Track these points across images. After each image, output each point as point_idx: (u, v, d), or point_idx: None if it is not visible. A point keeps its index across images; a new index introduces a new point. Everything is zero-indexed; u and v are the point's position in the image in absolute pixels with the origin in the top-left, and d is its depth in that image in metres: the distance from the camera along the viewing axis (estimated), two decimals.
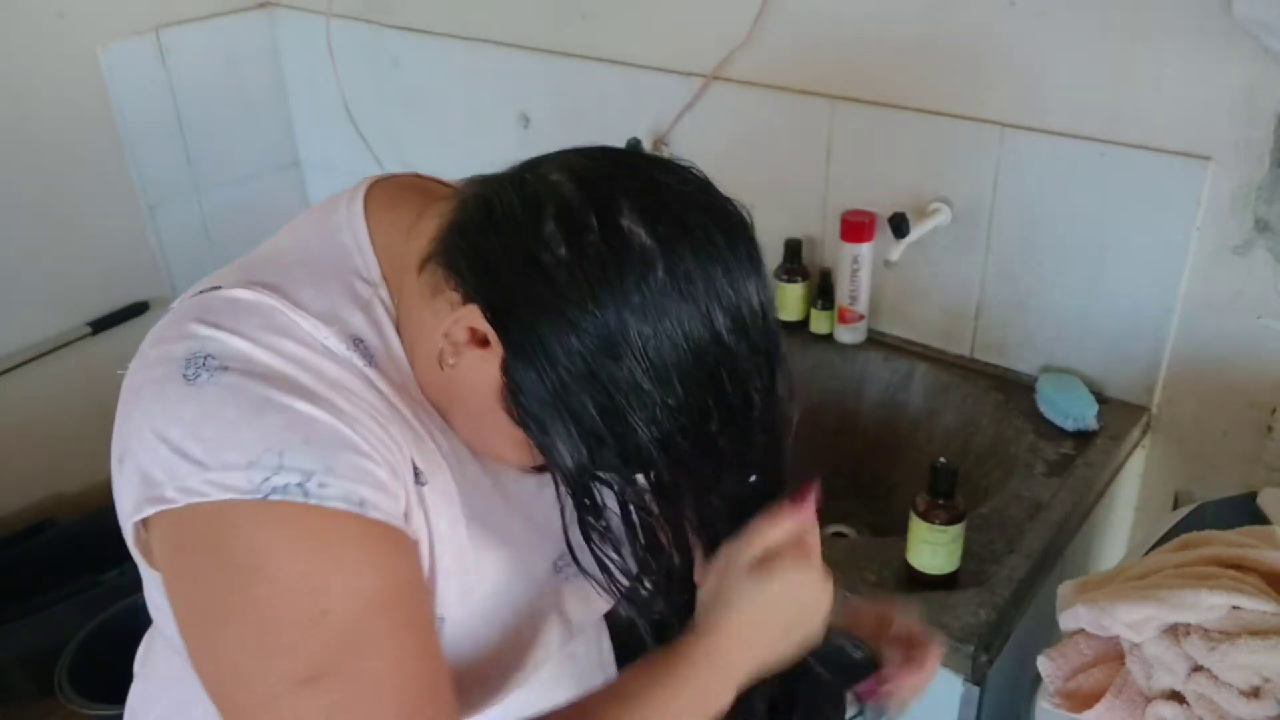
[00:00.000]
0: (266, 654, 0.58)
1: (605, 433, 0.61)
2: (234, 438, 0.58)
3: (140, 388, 0.63)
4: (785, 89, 1.53)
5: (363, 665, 0.59)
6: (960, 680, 1.09)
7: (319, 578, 0.59)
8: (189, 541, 0.60)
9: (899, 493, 1.49)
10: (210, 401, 0.60)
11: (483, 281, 0.62)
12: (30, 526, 2.12)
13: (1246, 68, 1.16)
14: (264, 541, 0.58)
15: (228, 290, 0.66)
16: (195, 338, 0.63)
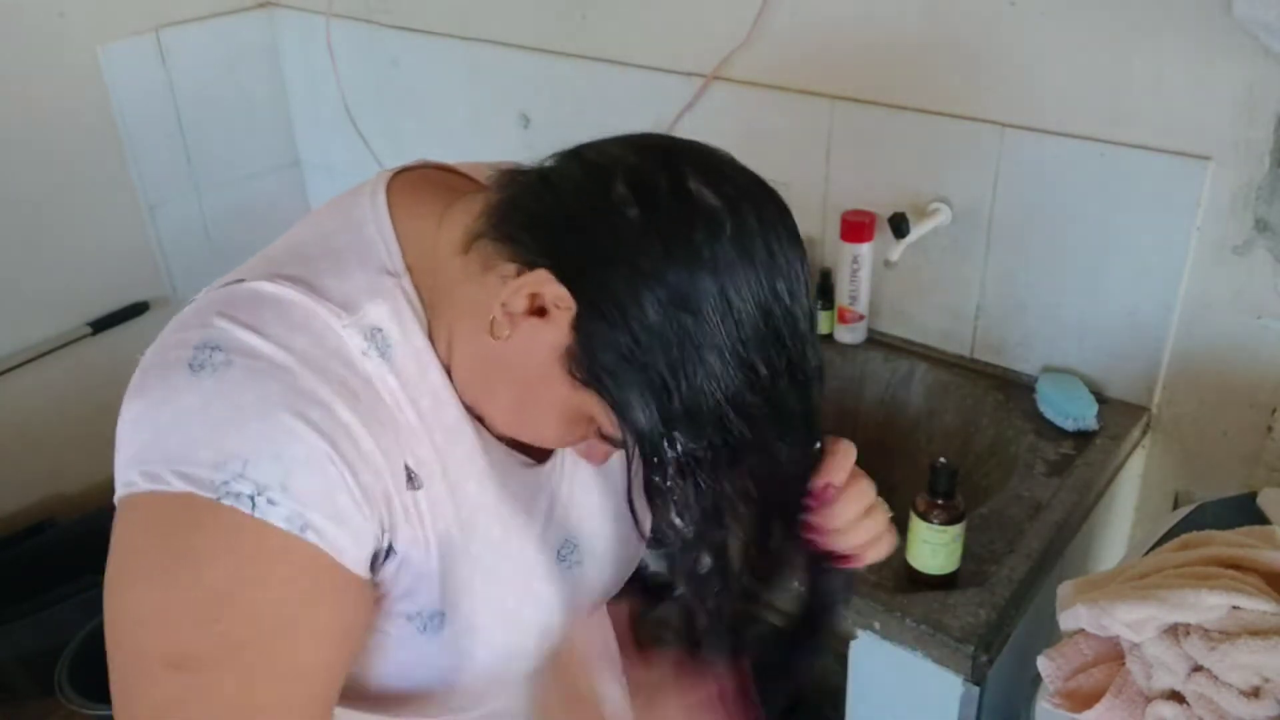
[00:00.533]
0: (152, 626, 0.60)
1: (676, 388, 0.61)
2: (212, 437, 0.60)
3: (148, 369, 0.65)
4: (785, 89, 1.53)
5: (226, 681, 0.60)
6: (960, 680, 1.09)
7: (229, 585, 0.60)
8: (138, 519, 0.61)
9: (899, 493, 1.49)
10: (207, 394, 0.61)
11: (551, 244, 0.63)
12: (30, 526, 2.13)
13: (1246, 68, 1.16)
14: (205, 537, 0.60)
15: (251, 283, 0.67)
16: (210, 328, 0.65)
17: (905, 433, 1.53)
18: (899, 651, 1.11)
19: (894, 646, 1.11)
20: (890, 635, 1.11)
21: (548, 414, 0.68)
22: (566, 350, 0.63)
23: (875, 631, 1.12)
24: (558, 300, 0.62)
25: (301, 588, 0.62)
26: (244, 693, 0.61)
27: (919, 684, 1.13)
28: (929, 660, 1.09)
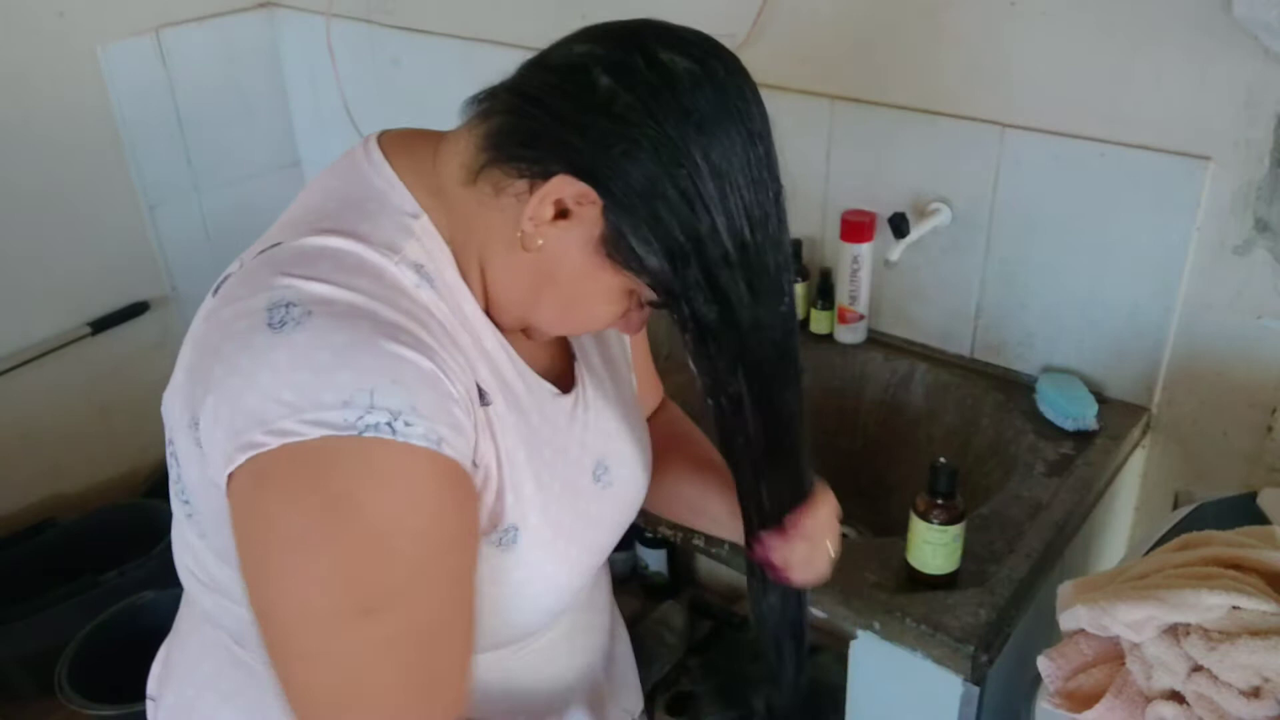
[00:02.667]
0: (333, 584, 0.62)
1: (699, 243, 0.67)
2: (328, 379, 0.61)
3: (219, 345, 0.65)
4: (785, 89, 1.53)
5: (418, 605, 0.64)
6: (960, 680, 1.09)
7: (398, 516, 0.63)
8: (278, 479, 0.62)
9: (899, 493, 1.49)
10: (301, 346, 0.62)
11: (557, 151, 0.67)
12: (30, 526, 2.12)
13: (1246, 68, 1.16)
14: (359, 476, 0.61)
15: (292, 243, 0.69)
16: (274, 288, 0.65)
17: (905, 433, 1.53)
18: (899, 651, 1.11)
19: (894, 646, 1.11)
20: (890, 635, 1.11)
21: (595, 300, 0.73)
22: (600, 239, 0.68)
23: (875, 631, 1.12)
24: (579, 198, 0.67)
25: (452, 500, 0.66)
26: (433, 612, 0.65)
27: (919, 684, 1.13)
28: (929, 660, 1.09)
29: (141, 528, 2.10)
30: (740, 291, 0.70)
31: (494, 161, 0.70)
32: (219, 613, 0.80)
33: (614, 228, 0.68)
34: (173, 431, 0.71)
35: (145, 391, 2.28)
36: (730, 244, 0.68)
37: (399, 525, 0.63)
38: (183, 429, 0.68)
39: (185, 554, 0.81)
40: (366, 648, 0.63)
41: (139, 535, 2.07)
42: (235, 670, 0.83)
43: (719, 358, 0.73)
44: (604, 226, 0.68)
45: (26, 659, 1.94)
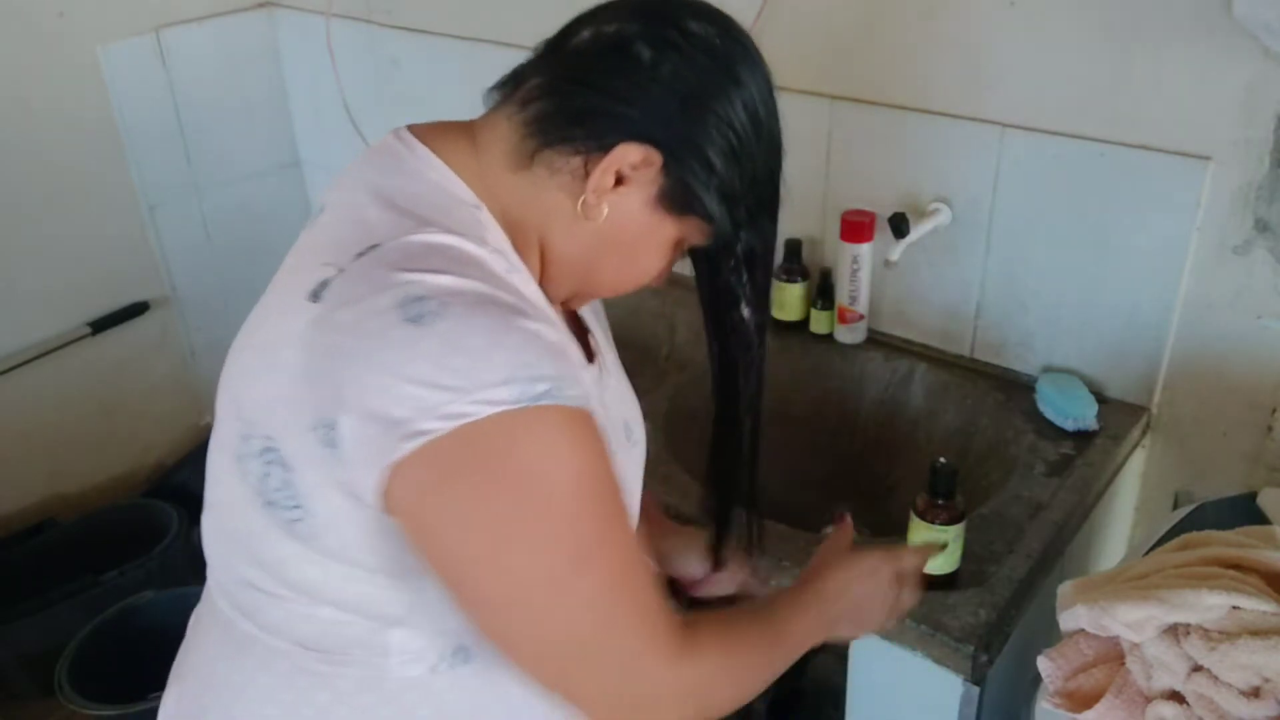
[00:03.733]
0: (545, 549, 0.68)
1: (747, 180, 0.77)
2: (485, 360, 0.65)
3: (352, 346, 0.66)
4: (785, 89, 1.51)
5: (612, 544, 0.72)
6: (960, 680, 1.09)
7: (578, 472, 0.69)
8: (461, 464, 0.65)
9: (899, 493, 1.49)
10: (448, 334, 0.65)
11: (614, 123, 0.73)
12: (30, 526, 2.12)
13: (1246, 68, 1.16)
14: (538, 444, 0.66)
15: (391, 243, 0.71)
16: (398, 285, 0.67)
17: (905, 433, 1.53)
18: (899, 651, 1.11)
19: (894, 646, 1.11)
20: (890, 635, 1.11)
21: (651, 254, 0.80)
22: (657, 195, 0.76)
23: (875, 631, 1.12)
24: (640, 162, 0.73)
25: (604, 450, 0.72)
26: (623, 549, 0.73)
27: (919, 684, 1.13)
28: (929, 660, 1.09)
29: (141, 528, 2.10)
30: (769, 219, 0.80)
31: (546, 145, 0.75)
32: (290, 622, 0.79)
33: (675, 181, 0.75)
34: (276, 438, 0.71)
35: (145, 391, 2.30)
36: (765, 177, 0.78)
37: (580, 480, 0.69)
38: (300, 433, 0.69)
39: (250, 568, 0.79)
40: (586, 595, 0.70)
41: (139, 535, 2.07)
42: (299, 677, 0.81)
43: (752, 287, 0.83)
44: (662, 182, 0.75)
45: (26, 659, 1.94)
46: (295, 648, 0.80)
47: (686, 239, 0.80)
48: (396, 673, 0.79)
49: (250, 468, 0.74)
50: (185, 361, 2.34)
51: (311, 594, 0.77)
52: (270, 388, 0.71)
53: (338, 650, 0.79)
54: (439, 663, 0.80)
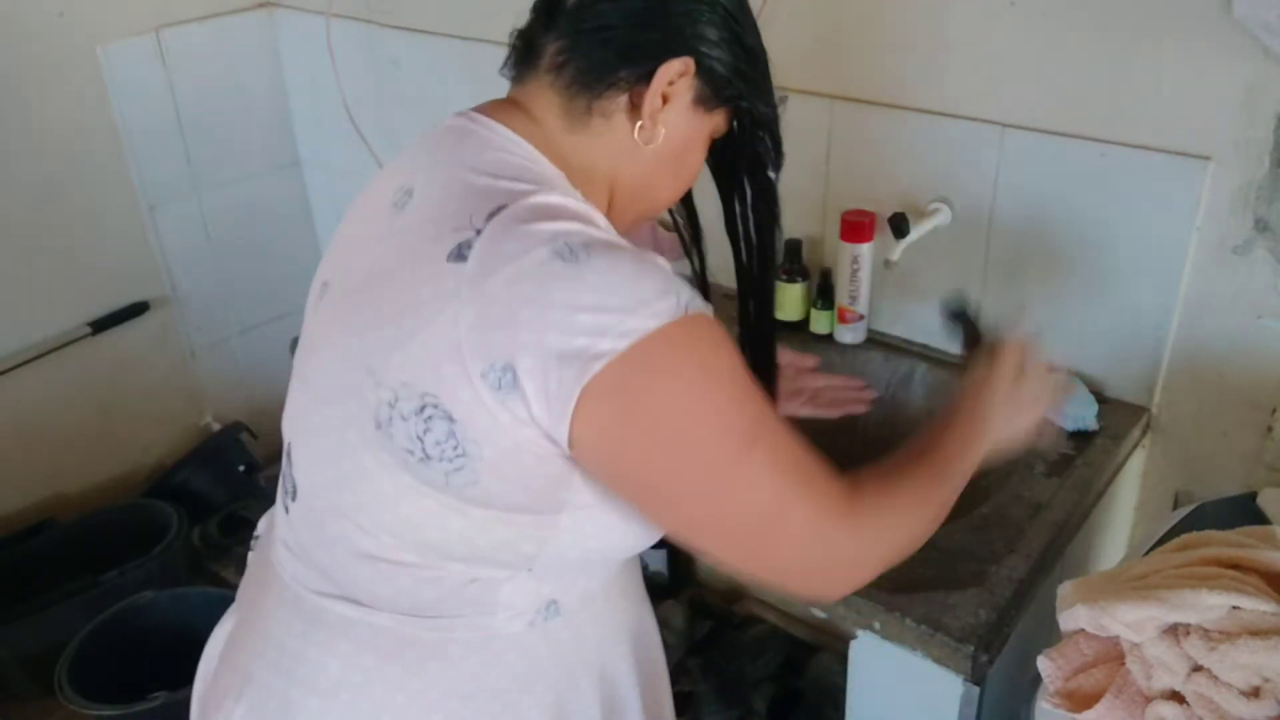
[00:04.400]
0: (724, 432, 0.75)
1: (752, 68, 0.87)
2: (640, 282, 0.72)
3: (521, 295, 0.72)
4: (785, 89, 1.53)
5: (769, 423, 0.79)
6: (960, 680, 1.09)
7: (732, 363, 0.77)
8: (644, 375, 0.72)
9: None
10: (603, 268, 0.72)
11: (647, 50, 0.81)
12: (30, 526, 2.13)
13: (1246, 68, 1.16)
14: (702, 345, 0.75)
15: (518, 203, 0.76)
16: (544, 234, 0.74)
17: (905, 433, 1.52)
18: (899, 651, 1.11)
19: (894, 646, 1.11)
20: (890, 635, 1.11)
21: (697, 155, 0.90)
22: (695, 98, 0.85)
23: (875, 631, 1.12)
24: (675, 77, 0.81)
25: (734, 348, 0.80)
26: (778, 425, 0.80)
27: (919, 684, 1.13)
28: (929, 660, 1.09)
29: (141, 528, 2.10)
30: (769, 82, 0.90)
31: (596, 97, 0.82)
32: (409, 589, 0.84)
33: (707, 78, 0.84)
34: (438, 392, 0.74)
35: (145, 391, 2.30)
36: (758, 47, 0.89)
37: (736, 368, 0.77)
38: (469, 382, 0.73)
39: (371, 538, 0.82)
40: (761, 471, 0.77)
41: (139, 535, 2.07)
42: (407, 651, 0.85)
43: (774, 149, 0.93)
44: (696, 85, 0.84)
45: (26, 659, 1.94)
46: (403, 620, 0.85)
47: (717, 129, 0.89)
48: (501, 630, 0.85)
49: (400, 431, 0.76)
50: (185, 361, 2.34)
51: (442, 550, 0.81)
52: (425, 346, 0.75)
53: (449, 614, 0.84)
54: (535, 618, 0.86)
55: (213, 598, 1.95)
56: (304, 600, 0.88)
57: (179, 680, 1.69)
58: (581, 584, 0.89)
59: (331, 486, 0.83)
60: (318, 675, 0.87)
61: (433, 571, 0.82)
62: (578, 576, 0.88)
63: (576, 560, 0.84)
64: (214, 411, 2.42)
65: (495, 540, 0.80)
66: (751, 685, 1.75)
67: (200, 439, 2.40)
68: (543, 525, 0.80)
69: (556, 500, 0.79)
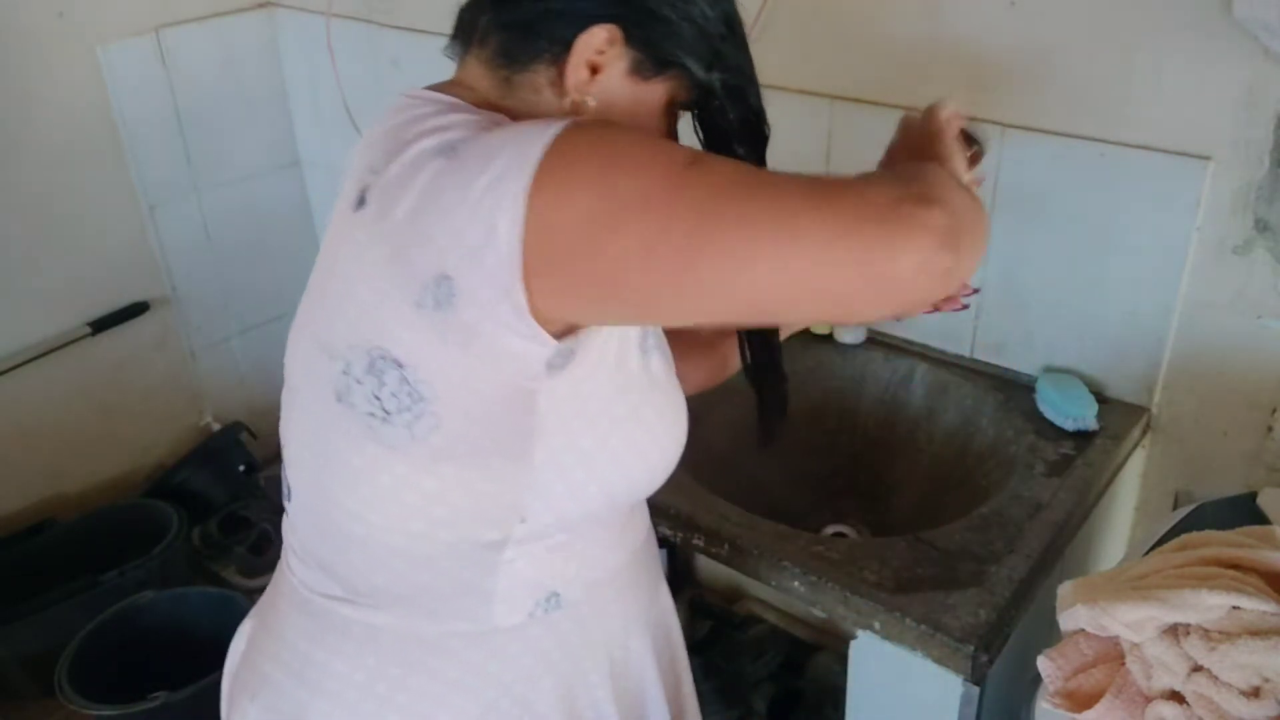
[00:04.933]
0: (659, 164, 0.69)
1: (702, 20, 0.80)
2: (519, 131, 0.70)
3: (419, 206, 0.71)
4: (785, 89, 1.53)
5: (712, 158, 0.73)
6: (960, 680, 1.09)
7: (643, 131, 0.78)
8: (558, 182, 0.67)
9: (899, 493, 1.49)
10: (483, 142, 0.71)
11: (564, 20, 0.77)
12: (30, 526, 2.12)
13: (1246, 68, 1.16)
14: (602, 126, 0.73)
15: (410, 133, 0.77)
16: (427, 148, 0.73)
17: (905, 433, 1.53)
18: (899, 651, 1.11)
19: (894, 646, 1.11)
20: (890, 635, 1.11)
21: (650, 125, 0.83)
22: (630, 67, 0.79)
23: (875, 631, 1.12)
24: (606, 43, 0.77)
25: None
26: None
27: (919, 684, 1.13)
28: (929, 660, 1.09)
29: (141, 528, 2.10)
30: (735, 50, 0.83)
31: (519, 68, 0.79)
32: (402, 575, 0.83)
33: (640, 46, 0.78)
34: (383, 341, 0.74)
35: (145, 391, 2.30)
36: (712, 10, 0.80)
37: (647, 132, 0.77)
38: (408, 317, 0.72)
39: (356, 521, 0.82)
40: (715, 166, 0.70)
41: (139, 535, 2.07)
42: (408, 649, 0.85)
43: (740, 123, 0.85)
44: (629, 54, 0.79)
45: (26, 659, 1.94)
46: (402, 616, 0.84)
47: (675, 97, 0.83)
48: (501, 622, 0.84)
49: (359, 395, 0.76)
50: (185, 361, 2.34)
51: (428, 515, 0.79)
52: (358, 302, 0.75)
53: (448, 601, 0.83)
54: (535, 609, 0.85)
55: (213, 598, 1.95)
56: (311, 603, 0.89)
57: (179, 680, 1.70)
58: (585, 575, 0.88)
59: (316, 476, 0.84)
60: (324, 677, 0.88)
61: (423, 549, 0.81)
62: (580, 567, 0.87)
63: (570, 506, 0.81)
64: (214, 411, 2.42)
65: (475, 495, 0.79)
66: (751, 685, 1.75)
67: (200, 439, 2.40)
68: (519, 468, 0.78)
69: (524, 432, 0.76)
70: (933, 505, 1.41)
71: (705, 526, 1.23)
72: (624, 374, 0.82)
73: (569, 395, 0.77)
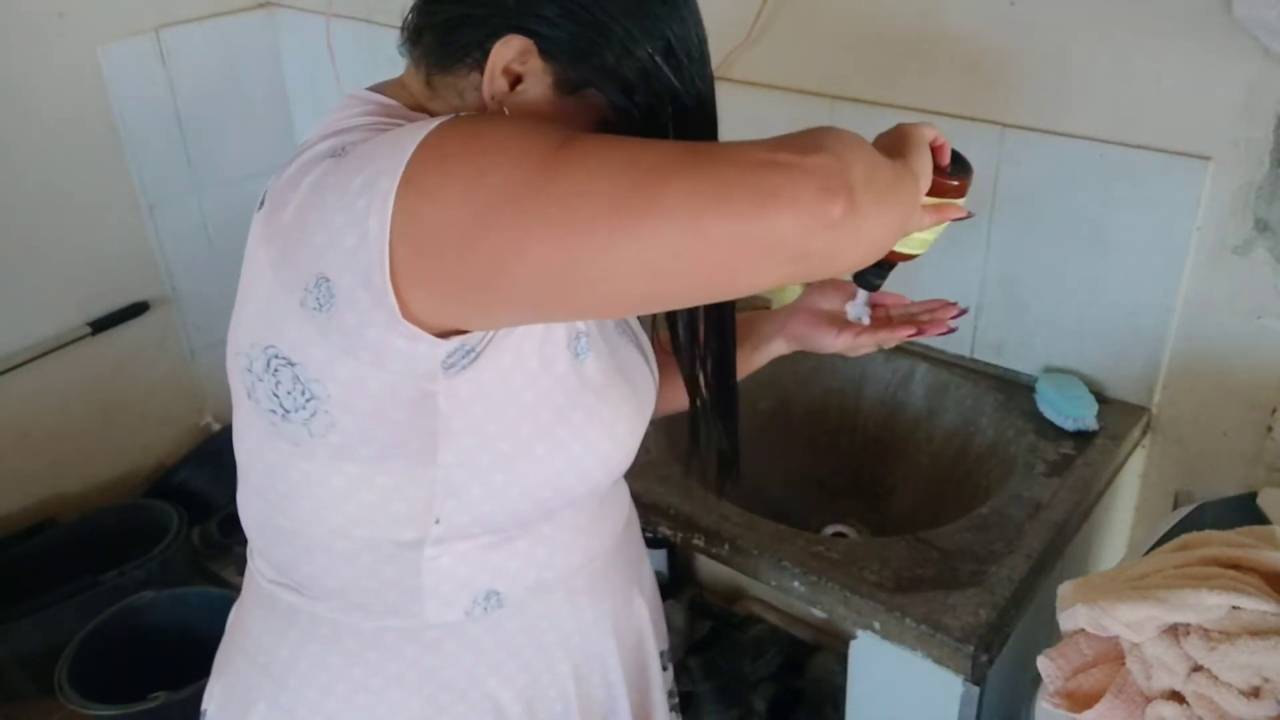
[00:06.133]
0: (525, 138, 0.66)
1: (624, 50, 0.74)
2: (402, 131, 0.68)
3: (302, 205, 0.70)
4: (785, 89, 1.53)
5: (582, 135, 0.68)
6: (960, 680, 1.09)
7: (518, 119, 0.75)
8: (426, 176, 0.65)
9: (899, 493, 1.49)
10: (368, 144, 0.70)
11: (479, 28, 0.75)
12: (30, 526, 2.12)
13: (1246, 68, 1.16)
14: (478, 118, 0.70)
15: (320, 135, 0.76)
16: (323, 149, 0.73)
17: (905, 433, 1.53)
18: (899, 651, 1.11)
19: (894, 646, 1.11)
20: (890, 635, 1.11)
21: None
22: (553, 82, 0.75)
23: (875, 631, 1.12)
24: (520, 57, 0.74)
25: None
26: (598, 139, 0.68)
27: (919, 684, 1.13)
28: (929, 660, 1.09)
29: (141, 528, 2.10)
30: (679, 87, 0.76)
31: (440, 69, 0.79)
32: (329, 569, 0.83)
33: (557, 58, 0.75)
34: (274, 339, 0.73)
35: (145, 391, 2.30)
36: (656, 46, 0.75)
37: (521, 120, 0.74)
38: (294, 316, 0.71)
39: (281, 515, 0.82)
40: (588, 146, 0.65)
41: (139, 535, 2.07)
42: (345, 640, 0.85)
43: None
44: (550, 67, 0.75)
45: (26, 659, 1.94)
46: (337, 609, 0.84)
47: (602, 109, 0.77)
48: (434, 618, 0.83)
49: (261, 392, 0.76)
50: (185, 361, 2.34)
51: (341, 511, 0.79)
52: (255, 301, 0.75)
53: (377, 595, 0.83)
54: (472, 607, 0.84)
55: (213, 598, 1.95)
56: (263, 589, 0.90)
57: (179, 680, 1.70)
58: (531, 574, 0.86)
59: (245, 471, 0.85)
60: (272, 661, 0.89)
61: (342, 544, 0.81)
62: (522, 565, 0.85)
63: (488, 508, 0.79)
64: (214, 411, 2.42)
65: (383, 492, 0.77)
66: (751, 685, 1.75)
67: (200, 439, 2.40)
68: (423, 468, 0.76)
69: (427, 433, 0.75)
70: (933, 505, 1.41)
71: (705, 526, 1.23)
72: (551, 376, 0.79)
73: (475, 396, 0.75)
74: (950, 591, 1.11)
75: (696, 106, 0.77)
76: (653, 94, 0.76)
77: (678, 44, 0.76)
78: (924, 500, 1.45)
